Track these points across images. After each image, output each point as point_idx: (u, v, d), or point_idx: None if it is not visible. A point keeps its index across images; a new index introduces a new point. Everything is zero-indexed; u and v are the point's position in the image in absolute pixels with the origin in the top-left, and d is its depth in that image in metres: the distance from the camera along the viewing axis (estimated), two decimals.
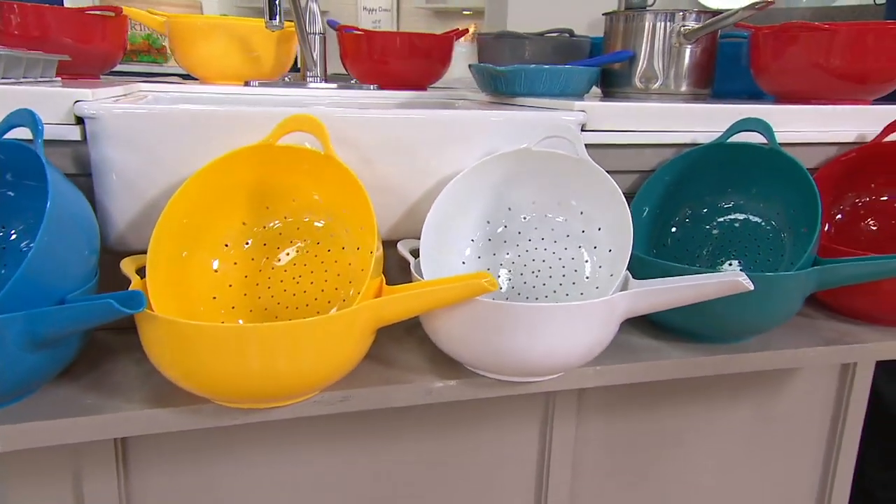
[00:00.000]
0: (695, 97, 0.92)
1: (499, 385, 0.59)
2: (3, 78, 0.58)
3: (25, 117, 0.51)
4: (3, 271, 0.57)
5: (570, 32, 1.10)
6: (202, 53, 0.99)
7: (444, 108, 0.70)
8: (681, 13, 0.87)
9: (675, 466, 0.84)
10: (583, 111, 0.71)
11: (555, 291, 0.66)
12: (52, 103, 0.57)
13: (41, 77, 0.70)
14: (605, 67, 0.94)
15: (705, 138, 0.75)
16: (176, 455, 0.66)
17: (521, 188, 0.68)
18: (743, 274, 0.52)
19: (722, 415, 0.84)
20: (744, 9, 0.77)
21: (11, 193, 0.55)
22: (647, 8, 0.91)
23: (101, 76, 0.98)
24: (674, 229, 0.77)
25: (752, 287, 0.52)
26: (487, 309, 0.53)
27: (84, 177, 0.60)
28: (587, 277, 0.65)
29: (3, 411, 0.50)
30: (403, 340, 0.66)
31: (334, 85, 1.04)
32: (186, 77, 1.15)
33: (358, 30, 1.08)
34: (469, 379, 0.59)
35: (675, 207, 0.77)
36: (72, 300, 0.48)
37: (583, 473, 0.79)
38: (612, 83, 0.95)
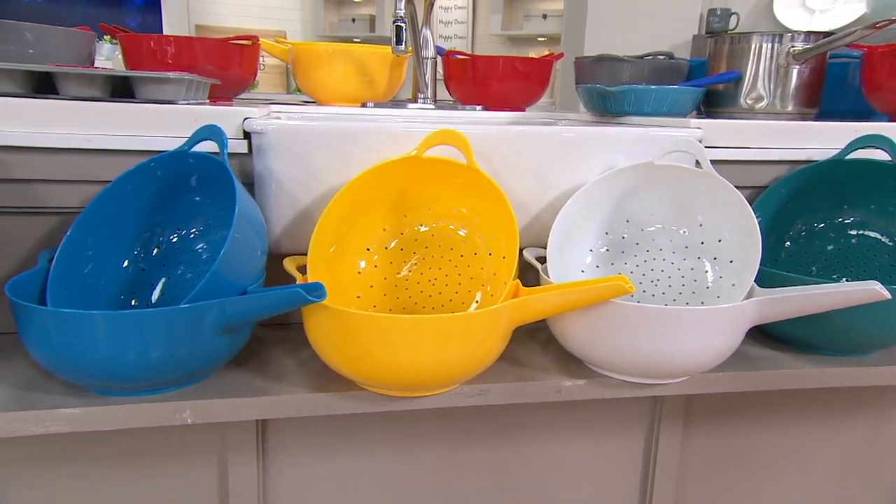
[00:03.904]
0: (802, 116, 0.92)
1: (626, 386, 0.62)
2: (183, 99, 0.66)
3: (213, 132, 0.58)
4: (180, 270, 0.64)
5: (670, 55, 1.13)
6: (323, 77, 1.07)
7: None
8: (789, 34, 0.89)
9: (781, 483, 0.84)
10: (699, 128, 0.74)
11: (674, 300, 0.69)
12: (226, 120, 0.64)
13: (200, 100, 0.78)
14: (710, 88, 0.96)
15: (820, 155, 0.76)
16: (310, 445, 0.71)
17: (641, 200, 0.71)
18: (878, 283, 0.54)
19: (834, 435, 0.83)
20: (861, 28, 0.78)
21: (197, 198, 0.62)
22: (734, 31, 0.92)
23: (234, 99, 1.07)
24: (787, 244, 0.79)
25: (889, 296, 0.53)
26: (623, 310, 0.56)
27: (246, 185, 0.67)
28: (708, 287, 0.67)
29: (190, 389, 0.56)
30: (528, 343, 0.70)
31: (444, 106, 1.10)
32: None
33: (464, 54, 1.14)
34: (596, 378, 0.62)
35: (789, 222, 0.78)
36: (252, 292, 0.54)
37: (687, 482, 0.80)
38: (717, 103, 0.97)
